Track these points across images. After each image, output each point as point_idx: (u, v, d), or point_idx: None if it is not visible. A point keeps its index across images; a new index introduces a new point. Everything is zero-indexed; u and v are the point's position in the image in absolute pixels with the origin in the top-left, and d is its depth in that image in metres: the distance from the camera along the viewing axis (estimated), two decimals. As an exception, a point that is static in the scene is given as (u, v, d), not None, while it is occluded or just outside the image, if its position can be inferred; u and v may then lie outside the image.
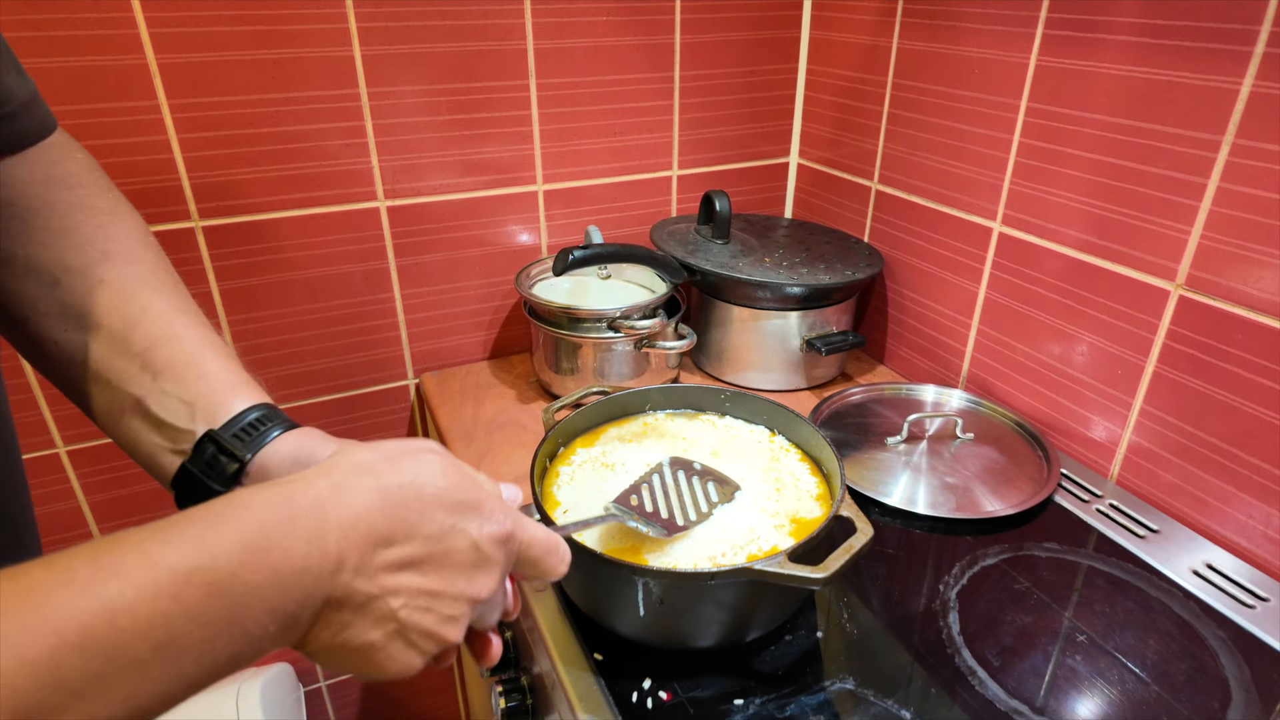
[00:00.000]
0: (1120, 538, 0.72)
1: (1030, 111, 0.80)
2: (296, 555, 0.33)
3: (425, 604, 0.37)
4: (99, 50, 0.78)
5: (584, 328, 0.91)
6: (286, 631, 0.33)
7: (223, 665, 0.31)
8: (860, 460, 0.82)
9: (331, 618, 0.35)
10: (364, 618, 0.35)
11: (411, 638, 0.37)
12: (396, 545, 0.36)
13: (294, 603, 0.33)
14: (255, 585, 0.31)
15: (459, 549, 0.38)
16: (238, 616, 0.31)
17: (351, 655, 0.36)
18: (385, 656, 0.37)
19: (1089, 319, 0.79)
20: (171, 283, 0.49)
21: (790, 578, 0.52)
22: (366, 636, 0.36)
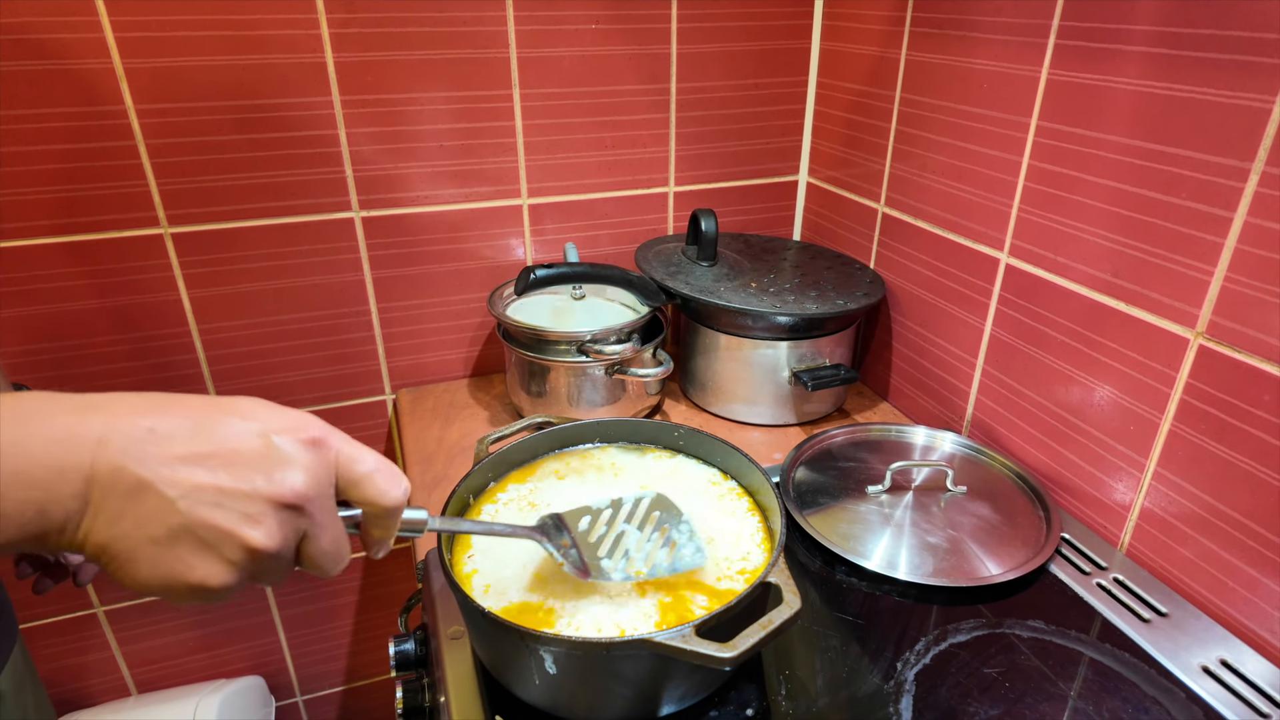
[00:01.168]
0: (1121, 620, 0.63)
1: (1040, 131, 0.72)
2: (57, 426, 0.32)
3: (213, 499, 0.34)
4: (67, 54, 0.77)
5: (554, 350, 0.87)
6: (47, 512, 0.32)
7: None
8: (834, 511, 0.74)
9: (102, 503, 0.32)
10: (139, 506, 0.33)
11: (204, 537, 0.34)
12: (177, 441, 0.34)
13: (49, 470, 0.31)
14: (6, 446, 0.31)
15: (250, 446, 0.35)
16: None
17: (138, 559, 0.33)
18: (177, 559, 0.34)
19: (1100, 366, 0.70)
20: None
21: (693, 654, 0.46)
22: (147, 530, 0.33)
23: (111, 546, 0.33)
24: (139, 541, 0.33)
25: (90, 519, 0.33)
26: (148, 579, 0.34)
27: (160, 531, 0.33)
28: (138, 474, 0.33)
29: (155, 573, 0.34)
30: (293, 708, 1.22)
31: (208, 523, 0.34)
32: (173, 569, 0.34)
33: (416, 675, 0.67)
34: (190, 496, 0.33)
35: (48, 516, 0.32)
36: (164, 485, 0.33)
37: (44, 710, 0.65)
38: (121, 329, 0.89)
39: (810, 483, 0.78)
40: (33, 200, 0.81)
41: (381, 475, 0.39)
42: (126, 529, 0.33)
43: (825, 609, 0.65)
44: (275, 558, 0.36)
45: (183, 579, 0.34)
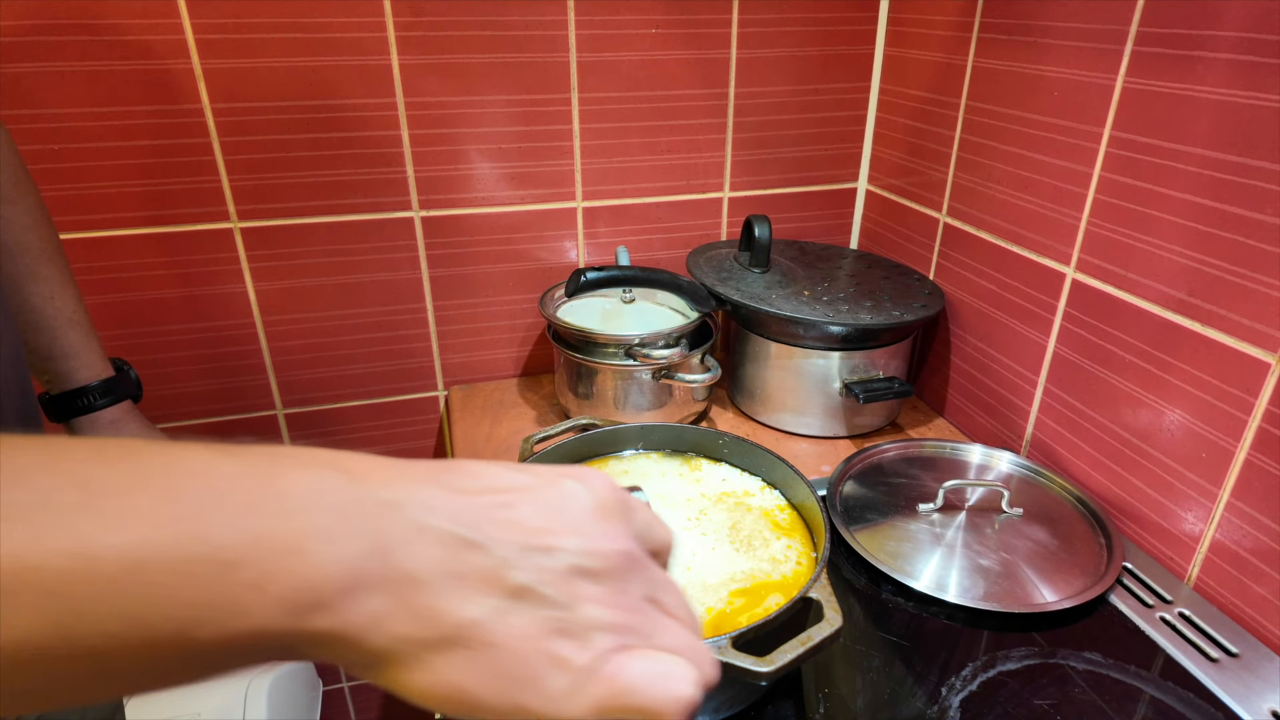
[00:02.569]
0: (1186, 658, 0.59)
1: (1114, 141, 0.69)
2: (310, 475, 0.24)
3: (546, 553, 0.26)
4: (151, 55, 0.81)
5: (602, 353, 0.87)
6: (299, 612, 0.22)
7: None
8: (882, 528, 0.72)
9: (418, 578, 0.24)
10: (473, 576, 0.25)
11: (552, 597, 0.25)
12: (480, 492, 0.27)
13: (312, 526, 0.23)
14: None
15: (567, 493, 0.28)
16: None
17: (496, 645, 0.25)
18: (536, 633, 0.25)
19: (1171, 388, 0.66)
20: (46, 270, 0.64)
21: (729, 667, 0.45)
22: (492, 602, 0.25)
23: (467, 633, 0.24)
24: (492, 617, 0.25)
25: (399, 600, 0.24)
26: (498, 685, 0.25)
27: (505, 600, 0.25)
28: (457, 531, 0.25)
29: (511, 675, 0.25)
30: (339, 693, 1.25)
31: (550, 580, 0.26)
32: (535, 649, 0.25)
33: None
34: (523, 550, 0.26)
35: (314, 586, 0.23)
36: (490, 542, 0.25)
37: None
38: (192, 318, 0.93)
39: (859, 498, 0.76)
40: (115, 193, 0.85)
41: (658, 519, 0.32)
42: (469, 608, 0.25)
43: (869, 628, 0.63)
44: (627, 614, 0.27)
45: (547, 686, 0.25)
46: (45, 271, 0.65)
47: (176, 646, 0.21)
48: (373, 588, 0.23)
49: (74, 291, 0.67)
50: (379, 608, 0.23)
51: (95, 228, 0.86)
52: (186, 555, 0.21)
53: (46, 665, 0.20)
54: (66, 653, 0.20)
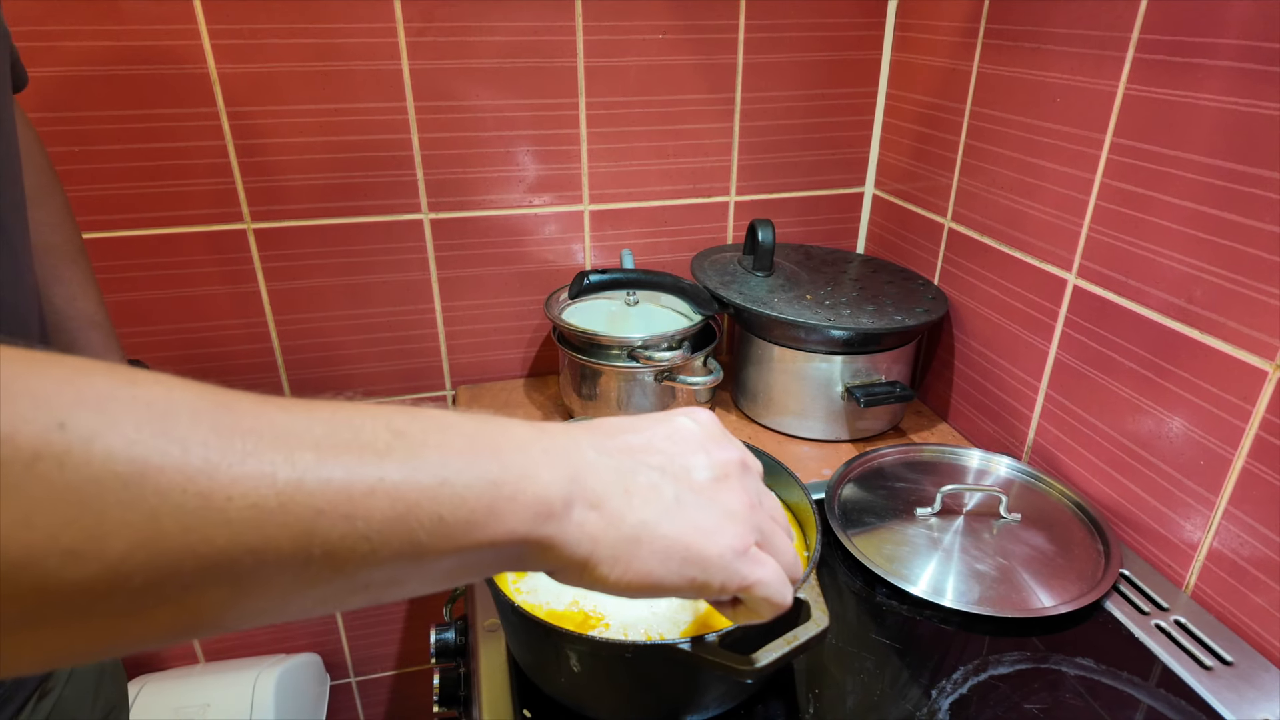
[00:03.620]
0: (1181, 666, 0.59)
1: (1115, 148, 0.69)
2: (515, 431, 0.32)
3: (683, 469, 0.36)
4: (170, 60, 0.83)
5: (606, 354, 0.88)
6: (539, 495, 0.30)
7: None
8: (879, 532, 0.73)
9: (595, 487, 0.32)
10: (634, 484, 0.33)
11: (700, 497, 0.35)
12: (617, 435, 0.36)
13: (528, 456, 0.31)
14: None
15: (679, 425, 0.38)
16: None
17: (655, 533, 0.33)
18: (694, 527, 0.34)
19: (1170, 396, 0.66)
20: (69, 272, 0.66)
21: (714, 664, 0.46)
22: (659, 506, 0.33)
23: (642, 531, 0.32)
24: (661, 517, 0.33)
25: (585, 510, 0.31)
26: (677, 560, 0.33)
27: (668, 504, 0.34)
28: (616, 461, 0.33)
29: (685, 548, 0.34)
30: (346, 687, 1.26)
31: (694, 487, 0.35)
32: (699, 539, 0.34)
33: (454, 664, 0.69)
34: (668, 470, 0.35)
35: (544, 498, 0.30)
36: (643, 465, 0.34)
37: (118, 670, 0.69)
38: (205, 317, 0.95)
39: (857, 501, 0.76)
40: (132, 194, 0.87)
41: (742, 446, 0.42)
42: (642, 512, 0.33)
43: (862, 630, 0.63)
44: (758, 508, 0.38)
45: (712, 544, 0.34)
46: (68, 273, 0.66)
47: (457, 547, 0.28)
48: (578, 503, 0.31)
49: (96, 293, 0.68)
50: (583, 518, 0.31)
51: (111, 228, 0.88)
52: (470, 479, 0.28)
53: (390, 569, 0.27)
54: (393, 556, 0.26)
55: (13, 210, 0.48)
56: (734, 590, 0.36)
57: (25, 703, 0.54)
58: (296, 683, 1.10)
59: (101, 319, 0.69)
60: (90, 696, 0.62)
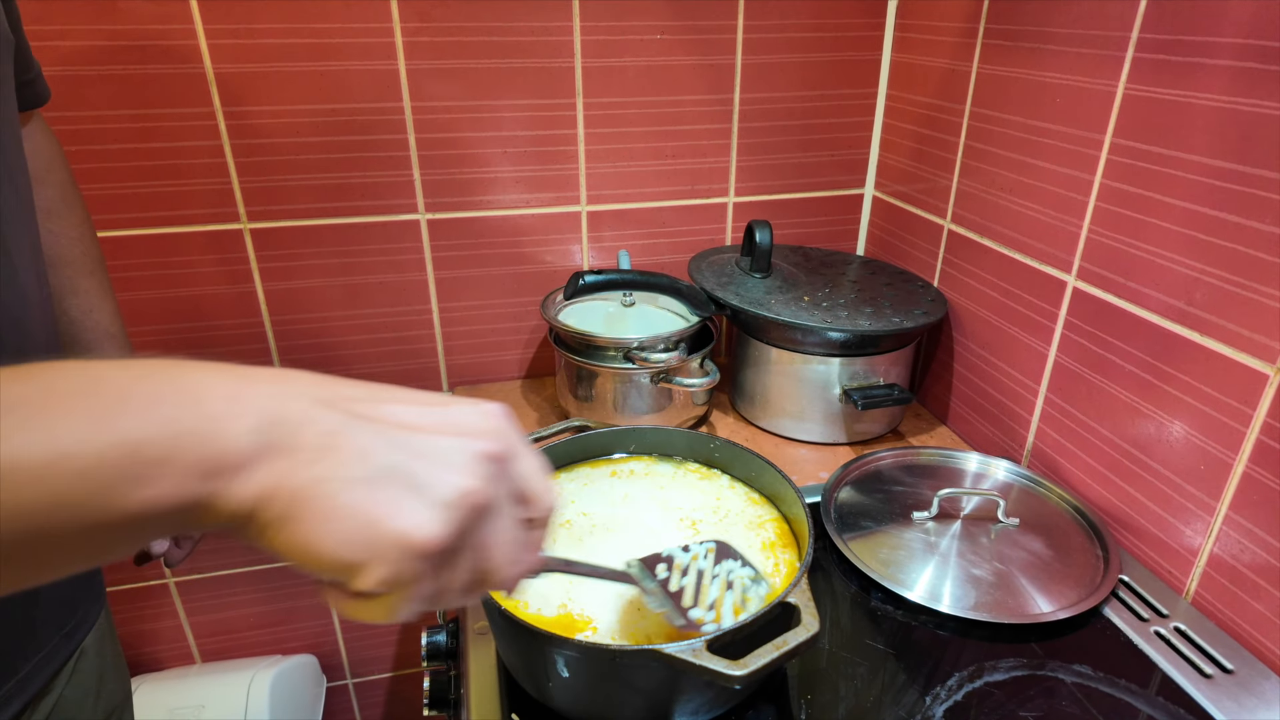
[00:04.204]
0: (1180, 674, 0.58)
1: (1115, 148, 0.68)
2: (225, 375, 0.29)
3: (422, 439, 0.30)
4: (167, 59, 0.83)
5: (602, 356, 0.87)
6: (212, 446, 0.27)
7: None
8: (876, 536, 0.72)
9: (292, 442, 0.28)
10: (341, 443, 0.28)
11: (416, 475, 0.29)
12: (366, 393, 0.31)
13: (219, 399, 0.27)
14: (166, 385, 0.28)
15: (443, 402, 0.33)
16: None
17: (339, 503, 0.28)
18: (388, 501, 0.28)
19: (1170, 399, 0.65)
20: (86, 283, 0.66)
21: (701, 670, 0.45)
22: (350, 469, 0.28)
23: (305, 492, 0.28)
24: (342, 484, 0.28)
25: (275, 463, 0.27)
26: (347, 534, 0.28)
27: (365, 471, 0.28)
28: (331, 416, 0.29)
29: (358, 523, 0.28)
30: (343, 689, 1.26)
31: (418, 465, 0.29)
32: (381, 513, 0.28)
33: (446, 667, 0.69)
34: (394, 437, 0.29)
35: (219, 454, 0.27)
36: (362, 426, 0.29)
37: (120, 670, 0.69)
38: (200, 317, 0.95)
39: (854, 505, 0.76)
40: (128, 194, 0.87)
41: (544, 474, 0.35)
42: (326, 471, 0.28)
43: (856, 635, 0.63)
44: (481, 513, 0.31)
45: (389, 526, 0.28)
46: (85, 285, 0.66)
47: (96, 517, 0.26)
48: (259, 460, 0.27)
49: (112, 306, 0.68)
50: (263, 477, 0.27)
51: (107, 228, 0.88)
52: (99, 446, 0.25)
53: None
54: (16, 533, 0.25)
55: (9, 213, 0.48)
56: (381, 586, 0.29)
57: (26, 705, 0.54)
58: (292, 684, 1.10)
59: (117, 330, 0.69)
60: (92, 697, 0.62)
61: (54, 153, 0.65)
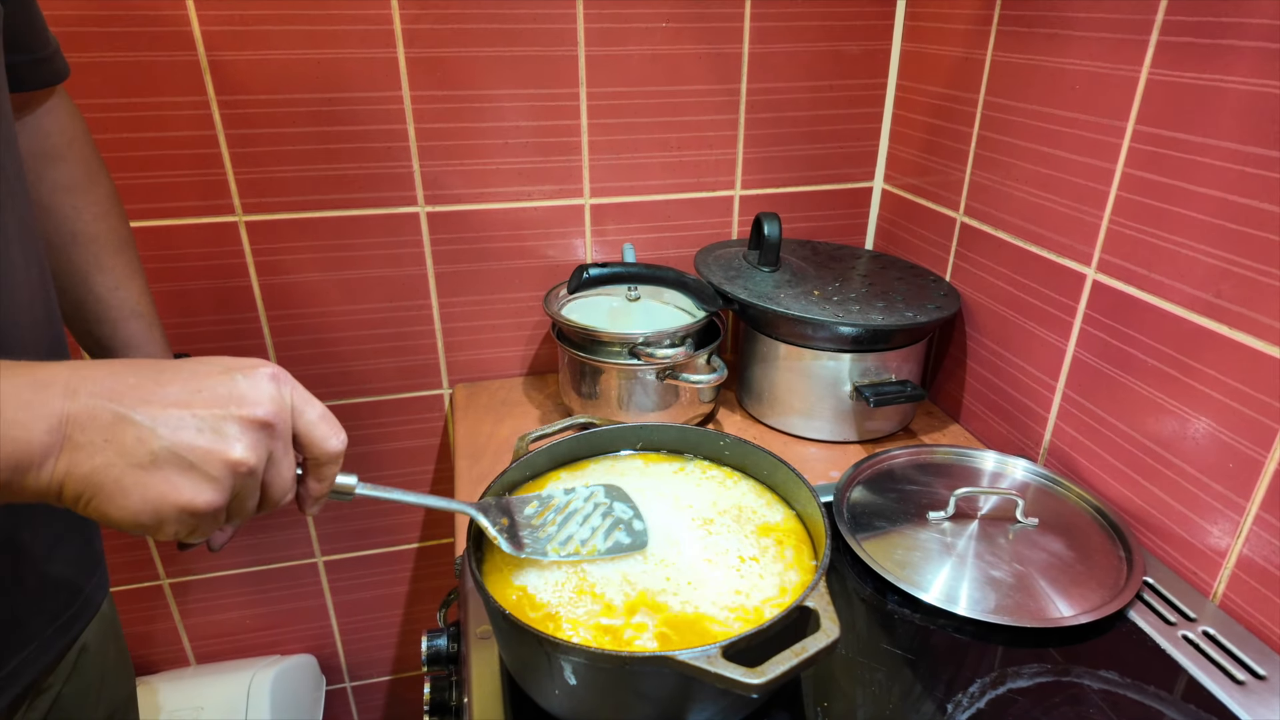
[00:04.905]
0: (1210, 679, 0.56)
1: (1138, 136, 0.66)
2: (20, 377, 0.34)
3: (192, 422, 0.36)
4: (158, 47, 0.81)
5: (606, 352, 0.85)
6: (21, 450, 0.33)
7: None
8: (890, 536, 0.70)
9: (80, 438, 0.34)
10: (120, 435, 0.34)
11: (187, 457, 0.35)
12: (144, 381, 0.36)
13: (19, 409, 0.33)
14: None
15: (216, 378, 0.38)
16: None
17: (125, 487, 0.35)
18: (164, 481, 0.35)
19: (1196, 395, 0.63)
20: (112, 260, 0.65)
21: (717, 677, 0.43)
22: (130, 457, 0.35)
23: (95, 477, 0.34)
24: (124, 469, 0.34)
25: (69, 455, 0.34)
26: (137, 507, 0.35)
27: (144, 456, 0.35)
28: (114, 408, 0.35)
29: (144, 498, 0.35)
30: (341, 693, 1.24)
31: (189, 443, 0.35)
32: (160, 491, 0.35)
33: (447, 672, 0.66)
34: (168, 421, 0.35)
35: (22, 454, 0.33)
36: (141, 415, 0.35)
37: (124, 668, 0.67)
38: (193, 312, 0.92)
39: (867, 504, 0.74)
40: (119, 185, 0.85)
41: (326, 422, 0.41)
42: (110, 458, 0.34)
43: (873, 640, 0.60)
44: (253, 474, 0.38)
45: (171, 501, 0.35)
46: (111, 262, 0.65)
47: None
48: (52, 453, 0.34)
49: (140, 283, 0.67)
50: (61, 466, 0.34)
51: (100, 220, 0.85)
52: None
53: None
54: None
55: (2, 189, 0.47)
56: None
57: (21, 700, 0.52)
58: (292, 684, 1.07)
59: (145, 309, 0.67)
60: (93, 696, 0.60)
61: (77, 129, 0.63)
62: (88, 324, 0.65)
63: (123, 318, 0.66)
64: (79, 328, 0.65)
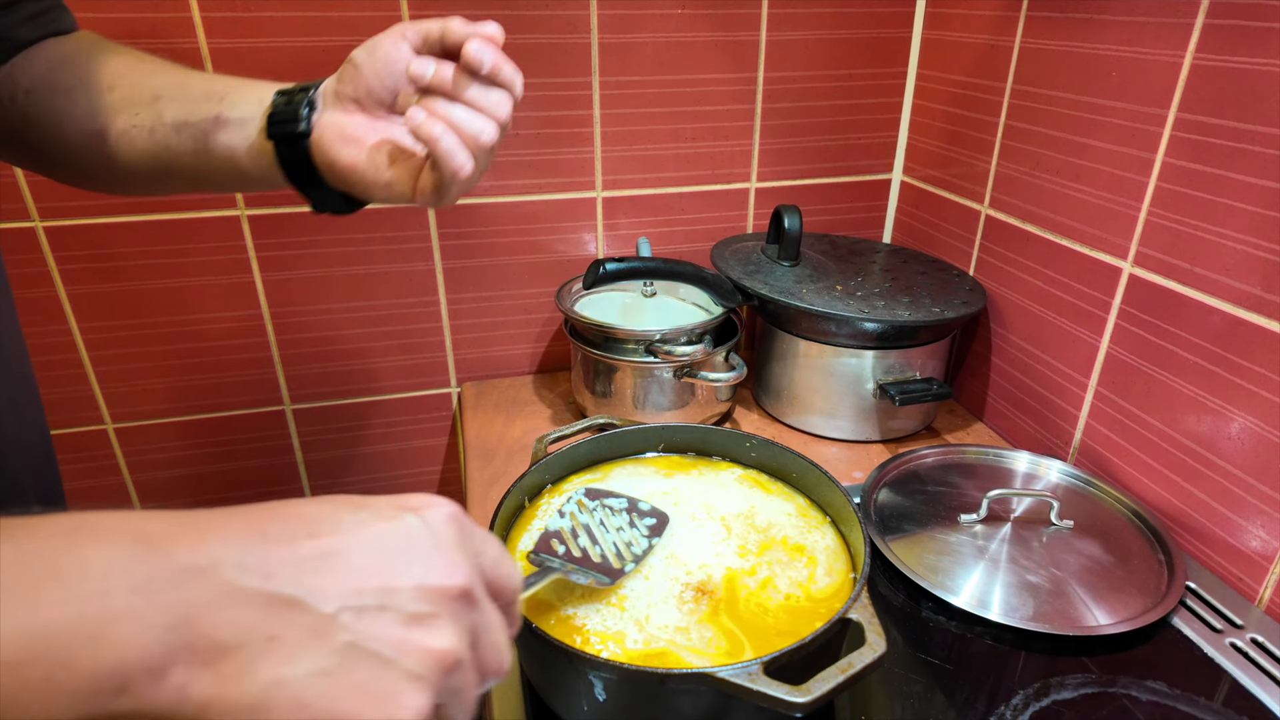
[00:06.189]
0: (1260, 688, 0.54)
1: (1180, 124, 0.63)
2: (119, 550, 0.24)
3: (376, 601, 0.26)
4: (157, 33, 0.78)
5: (621, 349, 0.82)
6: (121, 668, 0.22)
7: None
8: (920, 539, 0.67)
9: (228, 640, 0.23)
10: (288, 630, 0.24)
11: (380, 651, 0.25)
12: (300, 541, 0.26)
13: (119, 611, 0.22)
14: None
15: (392, 531, 0.28)
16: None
17: (309, 704, 0.24)
18: (358, 692, 0.25)
19: (1241, 392, 0.61)
20: None
21: (759, 695, 0.41)
22: (310, 661, 0.24)
23: (274, 695, 0.24)
24: (304, 681, 0.24)
25: (208, 668, 0.23)
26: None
27: (324, 657, 0.24)
28: (273, 589, 0.24)
29: (332, 713, 0.24)
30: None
31: (379, 634, 0.25)
32: (355, 706, 0.25)
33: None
34: (349, 604, 0.25)
35: (129, 663, 0.22)
36: (313, 597, 0.25)
37: None
38: (196, 309, 0.90)
39: (894, 506, 0.71)
40: (118, 178, 0.82)
41: (504, 554, 0.32)
42: (282, 668, 0.24)
43: (908, 649, 0.58)
44: (462, 665, 0.27)
45: (370, 715, 0.25)
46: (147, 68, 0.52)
47: None
48: (178, 662, 0.23)
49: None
50: (185, 680, 0.23)
51: (93, 214, 0.83)
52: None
53: None
54: None
55: None
56: None
57: None
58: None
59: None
60: None
61: (114, 57, 0.51)
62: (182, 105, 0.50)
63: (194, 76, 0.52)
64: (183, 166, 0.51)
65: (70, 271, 0.85)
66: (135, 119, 0.49)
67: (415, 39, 0.49)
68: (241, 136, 0.49)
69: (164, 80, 0.51)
